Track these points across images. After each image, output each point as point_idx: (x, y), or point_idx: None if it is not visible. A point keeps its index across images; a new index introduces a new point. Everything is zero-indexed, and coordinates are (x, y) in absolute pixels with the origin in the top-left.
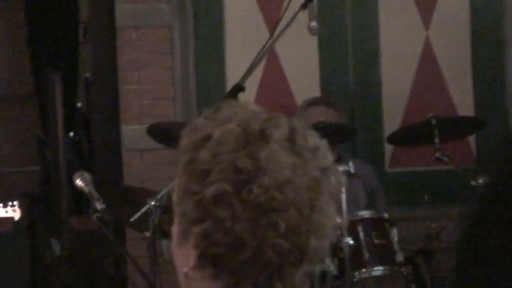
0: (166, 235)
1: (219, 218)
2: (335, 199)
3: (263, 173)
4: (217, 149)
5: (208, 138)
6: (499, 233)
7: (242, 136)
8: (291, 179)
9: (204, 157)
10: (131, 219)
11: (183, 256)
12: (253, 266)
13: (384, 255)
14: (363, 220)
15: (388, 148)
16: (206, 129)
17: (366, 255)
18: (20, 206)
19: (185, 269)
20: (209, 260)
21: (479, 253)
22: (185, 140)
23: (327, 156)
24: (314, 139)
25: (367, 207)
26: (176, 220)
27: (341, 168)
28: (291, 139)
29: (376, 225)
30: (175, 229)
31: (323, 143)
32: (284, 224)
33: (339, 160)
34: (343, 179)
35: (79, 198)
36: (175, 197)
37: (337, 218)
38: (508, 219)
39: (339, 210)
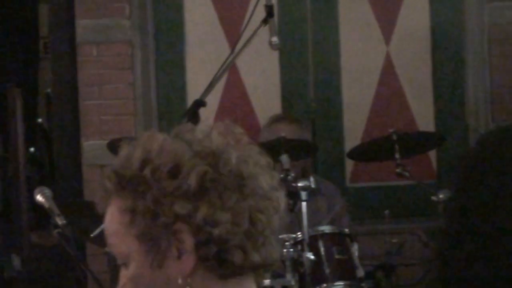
0: None
1: (213, 198)
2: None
3: (227, 148)
4: (171, 148)
5: (149, 151)
6: (464, 246)
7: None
8: (242, 152)
9: (165, 159)
10: (92, 234)
11: (164, 277)
12: (252, 236)
13: (345, 270)
14: (323, 235)
15: (349, 163)
16: (140, 149)
17: (327, 270)
18: None
19: (179, 281)
20: (214, 246)
21: (449, 267)
22: (126, 172)
23: None
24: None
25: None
26: (141, 253)
27: (302, 183)
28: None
29: (337, 240)
30: (140, 265)
31: None
32: (260, 188)
33: (303, 176)
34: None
35: (40, 213)
36: (136, 230)
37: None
38: (471, 233)
39: (300, 225)
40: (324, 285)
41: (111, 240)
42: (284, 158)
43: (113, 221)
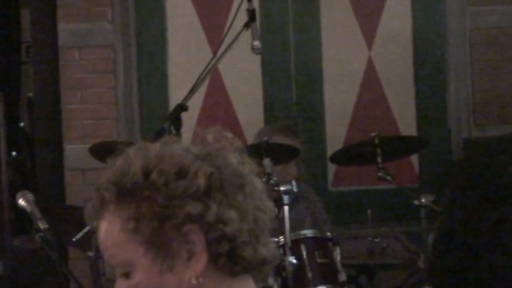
0: None
1: (220, 197)
2: None
3: (223, 150)
4: (171, 153)
5: (149, 158)
6: (454, 253)
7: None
8: (237, 154)
9: (169, 163)
10: (74, 239)
11: (175, 280)
12: (255, 234)
13: (327, 274)
14: (306, 239)
15: (331, 167)
16: (138, 158)
17: (309, 274)
18: None
19: (193, 281)
20: (226, 244)
21: (437, 274)
22: (127, 180)
23: None
24: None
25: (312, 227)
26: (148, 259)
27: (284, 187)
28: None
29: (319, 244)
30: (147, 271)
31: None
32: (257, 189)
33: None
34: None
35: (22, 217)
36: (141, 236)
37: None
38: (462, 244)
39: (282, 229)
40: None
41: (111, 251)
42: (267, 162)
43: (112, 231)
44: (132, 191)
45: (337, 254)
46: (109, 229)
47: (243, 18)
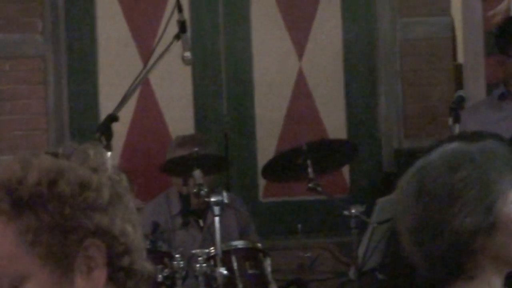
0: None
1: (119, 211)
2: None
3: (104, 166)
4: (69, 166)
5: (48, 169)
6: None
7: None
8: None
9: (72, 175)
10: None
11: None
12: (141, 249)
13: (258, 285)
14: (236, 250)
15: (262, 178)
16: (34, 169)
17: (240, 286)
18: None
19: None
20: (128, 257)
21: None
22: (24, 191)
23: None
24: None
25: (239, 238)
26: (45, 272)
27: (214, 198)
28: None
29: (250, 255)
30: (42, 283)
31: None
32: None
33: (213, 190)
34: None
35: None
36: (40, 248)
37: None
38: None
39: (213, 240)
40: None
41: (0, 262)
42: (197, 173)
43: (4, 243)
44: (31, 201)
45: (268, 265)
46: (0, 241)
47: (173, 29)
